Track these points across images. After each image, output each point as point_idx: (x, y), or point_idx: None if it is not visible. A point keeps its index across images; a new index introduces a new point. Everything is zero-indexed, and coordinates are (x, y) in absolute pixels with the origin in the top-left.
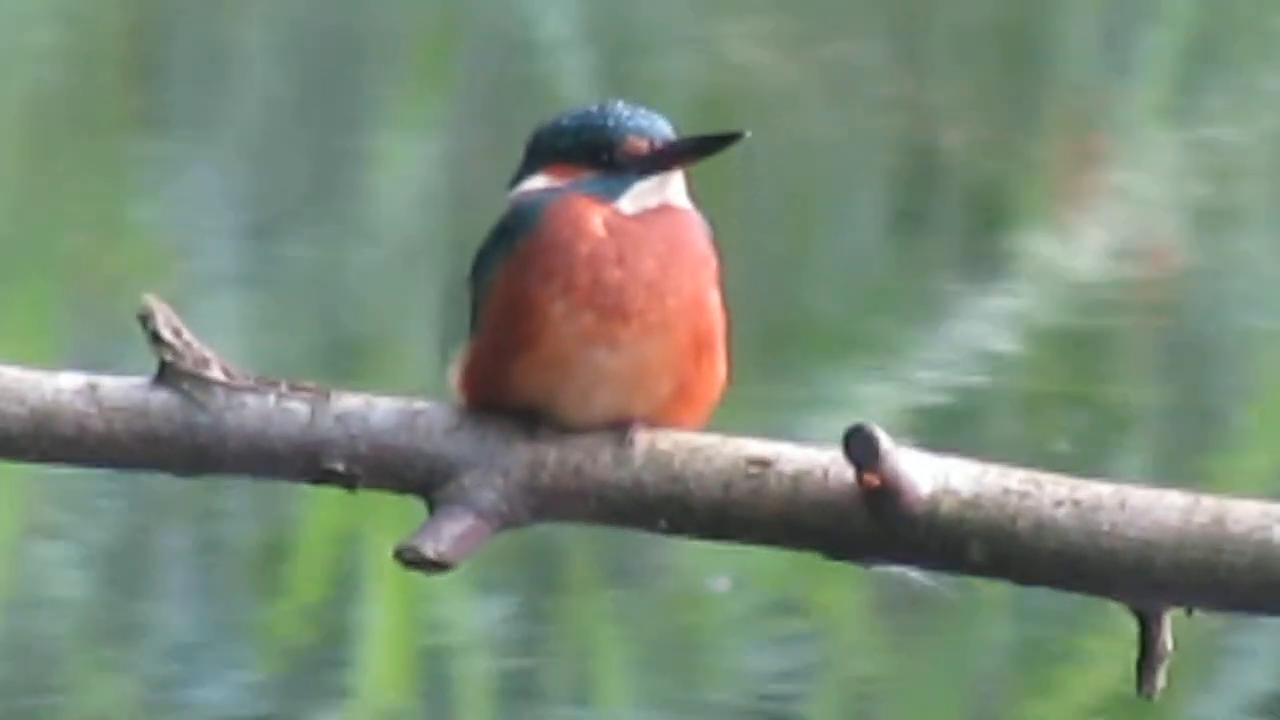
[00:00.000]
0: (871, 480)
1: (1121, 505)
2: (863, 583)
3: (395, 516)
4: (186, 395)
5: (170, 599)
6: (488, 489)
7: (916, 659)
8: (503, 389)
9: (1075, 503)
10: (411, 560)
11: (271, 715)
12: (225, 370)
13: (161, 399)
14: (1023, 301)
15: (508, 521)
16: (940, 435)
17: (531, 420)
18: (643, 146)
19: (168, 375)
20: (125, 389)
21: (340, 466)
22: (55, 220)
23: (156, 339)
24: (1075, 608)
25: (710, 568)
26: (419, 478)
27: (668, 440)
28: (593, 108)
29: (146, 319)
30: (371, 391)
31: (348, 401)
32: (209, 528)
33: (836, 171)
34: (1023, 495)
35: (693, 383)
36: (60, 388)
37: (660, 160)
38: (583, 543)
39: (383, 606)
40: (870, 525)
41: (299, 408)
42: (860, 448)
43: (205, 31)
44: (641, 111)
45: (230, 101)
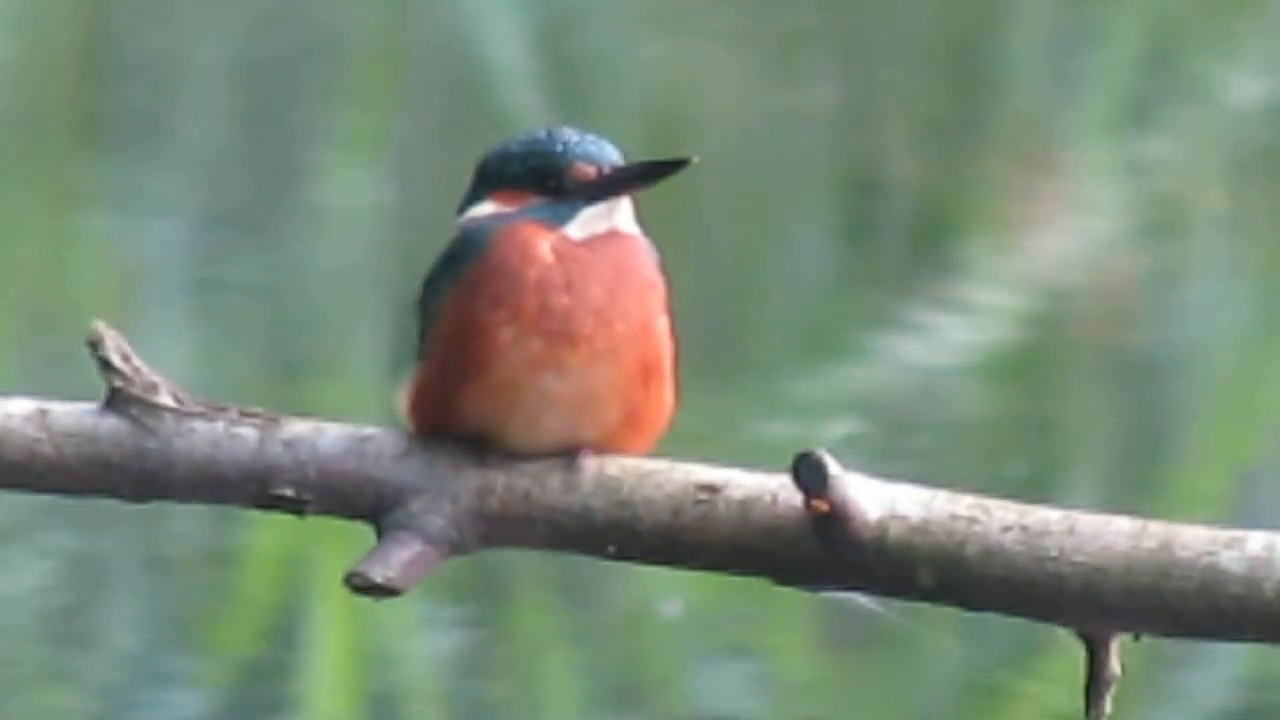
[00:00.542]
0: (820, 506)
1: (1069, 531)
2: (811, 607)
3: (344, 539)
4: (136, 421)
5: (118, 615)
6: (436, 515)
7: (864, 682)
8: (451, 415)
9: (1023, 528)
10: (360, 586)
11: None
12: (175, 396)
13: (111, 425)
14: (970, 318)
15: (456, 547)
16: (888, 456)
17: (480, 446)
18: (590, 172)
19: (117, 401)
20: (75, 415)
21: (290, 492)
22: (1, 243)
23: (106, 365)
24: (1023, 633)
25: (661, 591)
26: (368, 503)
27: (616, 465)
28: (541, 133)
29: (96, 345)
30: (320, 417)
31: (297, 427)
32: (158, 544)
33: (783, 194)
34: (971, 521)
35: (641, 408)
36: (9, 413)
37: (608, 186)
38: (533, 563)
39: (331, 627)
40: (818, 551)
41: (248, 433)
42: (809, 473)
43: (154, 51)
44: (590, 137)
45: (178, 122)
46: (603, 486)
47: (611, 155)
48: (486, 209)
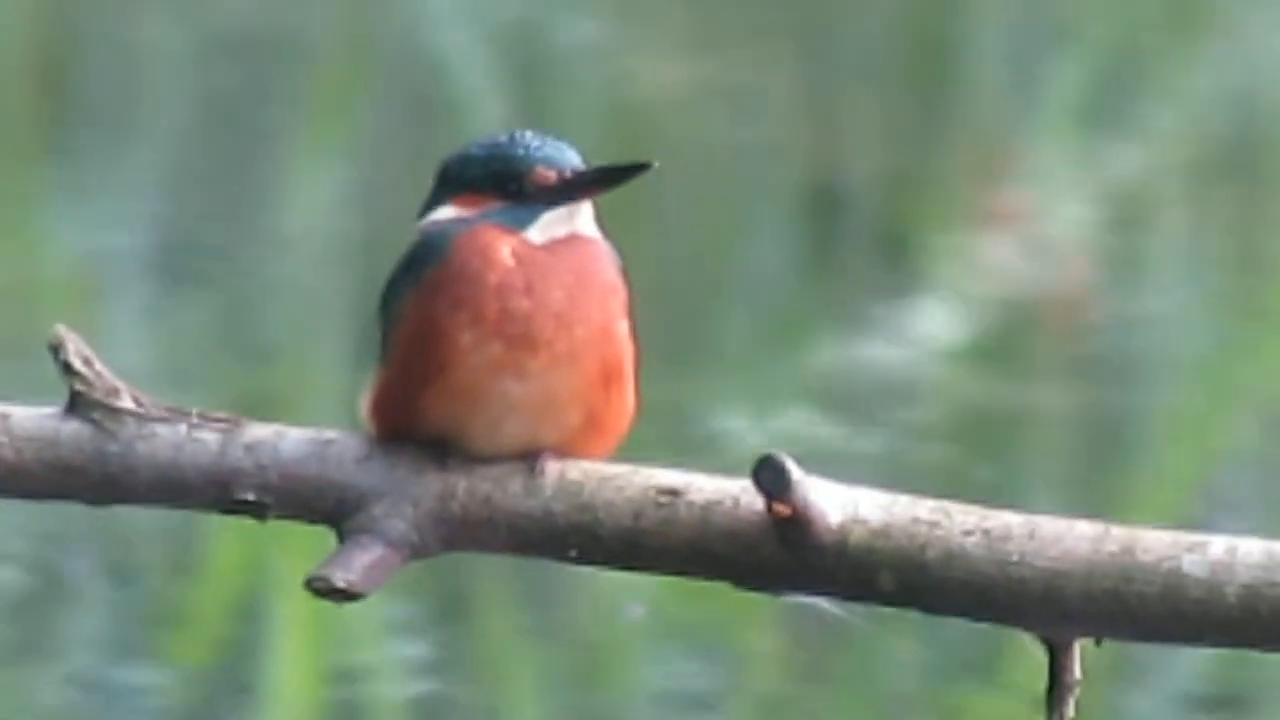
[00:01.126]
0: (781, 510)
1: (1031, 535)
2: (774, 611)
3: (305, 544)
4: (97, 425)
5: (75, 620)
6: (398, 519)
7: (826, 687)
8: (412, 419)
9: (985, 532)
10: (321, 590)
11: None
12: (136, 400)
13: (72, 429)
14: (932, 316)
15: (418, 551)
16: (848, 453)
17: (441, 450)
18: (551, 176)
19: (79, 405)
20: (36, 419)
21: (251, 496)
22: None
23: (67, 369)
24: (984, 637)
25: (625, 594)
26: (329, 507)
27: (577, 469)
28: (501, 137)
29: (57, 349)
30: (282, 421)
31: (258, 431)
32: (116, 551)
33: (745, 191)
34: (932, 525)
35: (602, 412)
36: None
37: (569, 190)
38: (495, 566)
39: (293, 632)
40: (780, 555)
41: (210, 437)
42: (770, 477)
43: (115, 52)
44: (550, 141)
45: (140, 123)
46: (564, 490)
47: (572, 159)
48: (447, 213)
